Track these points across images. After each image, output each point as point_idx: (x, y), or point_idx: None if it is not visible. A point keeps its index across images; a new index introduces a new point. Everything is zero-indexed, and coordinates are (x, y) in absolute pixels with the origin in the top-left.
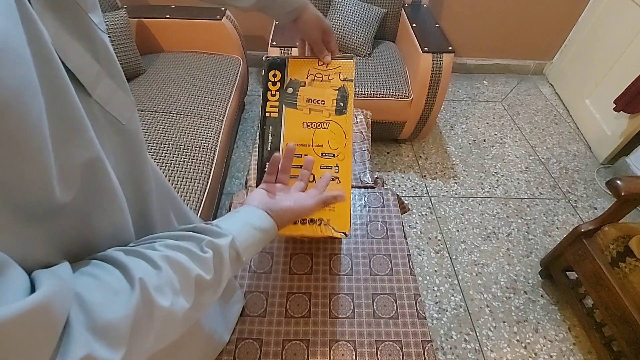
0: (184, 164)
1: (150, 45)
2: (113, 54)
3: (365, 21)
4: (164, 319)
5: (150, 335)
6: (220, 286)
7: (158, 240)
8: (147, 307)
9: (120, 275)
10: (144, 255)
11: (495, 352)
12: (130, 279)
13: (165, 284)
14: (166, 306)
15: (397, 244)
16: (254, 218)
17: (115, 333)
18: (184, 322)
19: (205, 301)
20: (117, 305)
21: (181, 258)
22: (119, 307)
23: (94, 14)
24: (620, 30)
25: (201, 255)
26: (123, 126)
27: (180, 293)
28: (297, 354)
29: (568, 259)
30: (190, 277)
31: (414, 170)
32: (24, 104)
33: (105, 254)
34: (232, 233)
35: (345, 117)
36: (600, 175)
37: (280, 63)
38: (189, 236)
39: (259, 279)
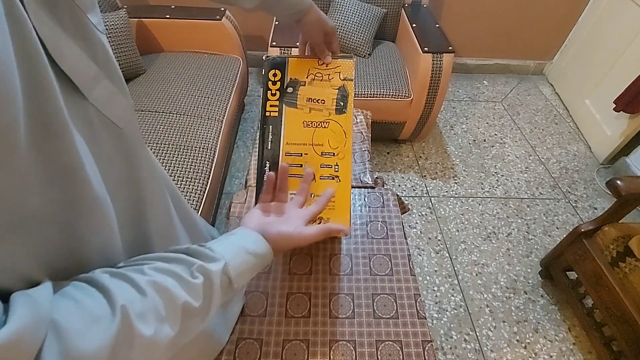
0: (184, 164)
1: (151, 45)
2: (112, 55)
3: (365, 21)
4: (145, 347)
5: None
6: (208, 314)
7: (148, 262)
8: (128, 335)
9: (102, 300)
10: (130, 279)
11: (495, 352)
12: (112, 305)
13: (149, 311)
14: (148, 335)
15: (397, 244)
16: (249, 242)
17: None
18: (167, 349)
19: (192, 328)
20: (95, 334)
21: (169, 283)
22: (98, 335)
23: (92, 14)
24: (620, 30)
25: (190, 281)
26: (120, 130)
27: (166, 320)
28: (297, 354)
29: (568, 259)
30: (177, 304)
31: (414, 170)
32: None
33: (91, 276)
34: (225, 258)
35: (345, 117)
36: (600, 175)
37: (280, 62)
38: (180, 259)
39: (259, 279)
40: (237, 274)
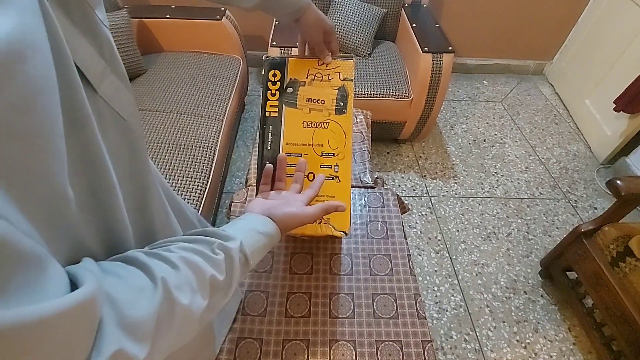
0: (185, 163)
1: (151, 45)
2: (116, 51)
3: (365, 21)
4: (183, 316)
5: (171, 333)
6: (231, 288)
7: (172, 243)
8: (169, 305)
9: (142, 274)
10: (162, 256)
11: (495, 352)
12: (152, 278)
13: (184, 283)
14: (186, 304)
15: (397, 244)
16: (258, 224)
17: (142, 330)
18: (200, 322)
19: (217, 302)
20: (142, 303)
21: (196, 259)
22: (145, 304)
23: (99, 10)
24: (620, 30)
25: (213, 257)
26: (125, 122)
27: (198, 292)
28: (297, 353)
29: (568, 259)
30: (205, 277)
31: (414, 170)
32: (47, 100)
33: (125, 255)
34: (240, 238)
35: (345, 117)
36: (600, 175)
37: (280, 63)
38: (201, 239)
39: (259, 278)
40: (251, 252)
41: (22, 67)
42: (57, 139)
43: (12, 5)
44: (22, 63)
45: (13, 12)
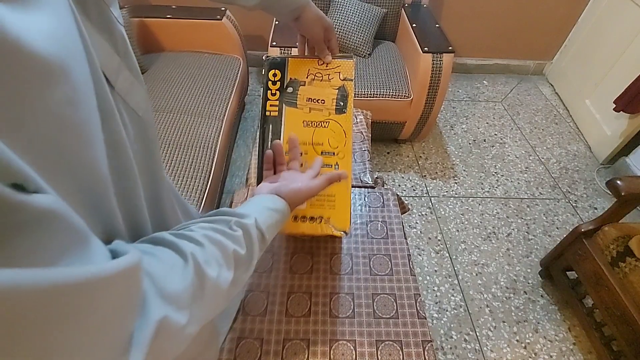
0: (185, 162)
1: (152, 44)
2: (130, 47)
3: (365, 21)
4: (213, 289)
5: (204, 305)
6: (252, 262)
7: (192, 224)
8: (200, 279)
9: (172, 252)
10: (187, 235)
11: (495, 352)
12: (182, 255)
13: (211, 258)
14: (214, 277)
15: (397, 244)
16: (268, 202)
17: (180, 301)
18: (226, 296)
19: (241, 276)
20: (176, 278)
21: (218, 236)
22: (178, 279)
23: (113, 8)
24: (620, 30)
25: (233, 234)
26: (139, 117)
27: (224, 266)
28: (298, 353)
29: (568, 259)
30: (228, 252)
31: (414, 170)
32: (89, 92)
33: (153, 237)
34: (254, 215)
35: (345, 116)
36: (600, 175)
37: (280, 62)
38: (218, 219)
39: (260, 278)
40: (266, 227)
41: (74, 62)
42: (98, 130)
43: (52, 5)
44: (73, 59)
45: (52, 11)
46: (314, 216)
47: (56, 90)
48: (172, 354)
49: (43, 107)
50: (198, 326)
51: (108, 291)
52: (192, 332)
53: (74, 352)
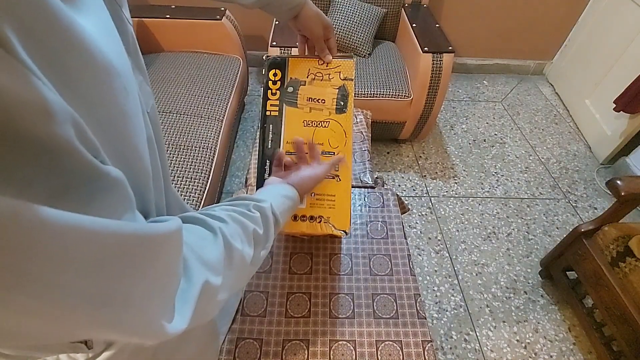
0: (184, 163)
1: (151, 45)
2: (138, 47)
3: (365, 21)
4: (239, 261)
5: (232, 275)
6: (268, 242)
7: (214, 207)
8: (228, 250)
9: (201, 227)
10: (212, 214)
11: (495, 352)
12: (211, 229)
13: (235, 233)
14: (240, 249)
15: (397, 244)
16: (281, 189)
17: (215, 268)
18: (248, 272)
19: (258, 256)
20: (210, 248)
21: (239, 217)
22: (212, 249)
23: (124, 8)
24: (620, 30)
25: (252, 215)
26: (147, 114)
27: (246, 242)
28: (297, 353)
29: (568, 259)
30: (249, 230)
31: (414, 170)
32: (134, 87)
33: (182, 215)
34: (269, 200)
35: (346, 116)
36: (600, 175)
37: (280, 62)
38: (238, 203)
39: (259, 278)
40: (280, 213)
41: (122, 59)
42: (142, 121)
43: (95, 6)
44: (121, 55)
45: (97, 11)
46: (314, 216)
47: (116, 81)
48: (208, 317)
49: (109, 95)
50: (228, 294)
51: (163, 248)
52: (223, 299)
53: (134, 298)
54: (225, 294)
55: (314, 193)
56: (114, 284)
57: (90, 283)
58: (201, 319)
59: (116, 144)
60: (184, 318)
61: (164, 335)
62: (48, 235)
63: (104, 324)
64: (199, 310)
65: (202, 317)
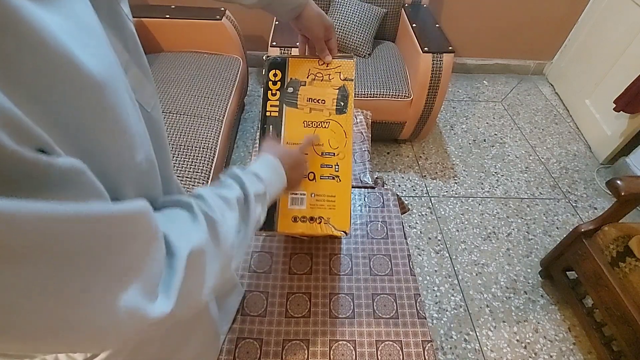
0: (184, 163)
1: (150, 45)
2: (140, 44)
3: (365, 21)
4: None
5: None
6: (249, 201)
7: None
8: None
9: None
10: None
11: (495, 352)
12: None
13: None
14: (220, 219)
15: (397, 244)
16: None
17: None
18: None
19: (247, 218)
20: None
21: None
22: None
23: (123, 4)
24: (620, 30)
25: (223, 182)
26: (148, 113)
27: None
28: (297, 353)
29: (568, 259)
30: (229, 201)
31: (414, 170)
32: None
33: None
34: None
35: (346, 117)
36: (600, 175)
37: (280, 62)
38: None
39: (259, 278)
40: (255, 169)
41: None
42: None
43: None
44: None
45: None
46: (314, 216)
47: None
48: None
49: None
50: (218, 267)
51: (119, 229)
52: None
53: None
54: (215, 265)
55: (313, 193)
56: (64, 274)
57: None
58: (191, 301)
59: (84, 137)
60: (169, 300)
61: (147, 322)
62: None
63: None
64: (185, 291)
65: (191, 298)
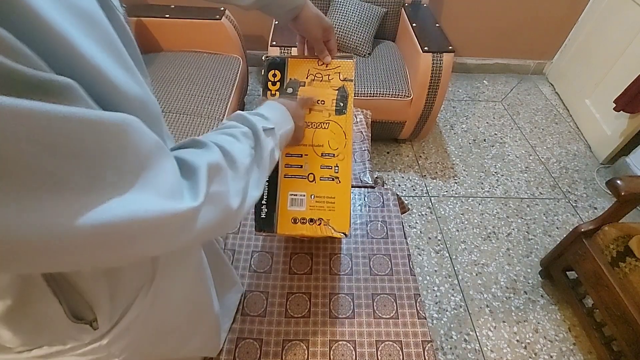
0: None
1: (150, 44)
2: (132, 36)
3: (365, 21)
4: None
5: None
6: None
7: None
8: (222, 150)
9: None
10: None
11: (495, 352)
12: (200, 142)
13: (224, 139)
14: (231, 147)
15: (397, 244)
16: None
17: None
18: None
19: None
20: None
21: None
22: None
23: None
24: (620, 30)
25: (226, 122)
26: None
27: (234, 141)
28: (297, 354)
29: (568, 259)
30: (237, 132)
31: (414, 170)
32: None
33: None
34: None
35: (345, 117)
36: (600, 175)
37: (280, 63)
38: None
39: (259, 278)
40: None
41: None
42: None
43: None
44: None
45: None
46: (313, 218)
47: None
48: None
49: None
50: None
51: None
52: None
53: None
54: (236, 184)
55: (313, 195)
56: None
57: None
58: (221, 204)
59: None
60: (197, 196)
61: (177, 214)
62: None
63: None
64: (214, 193)
65: (221, 202)
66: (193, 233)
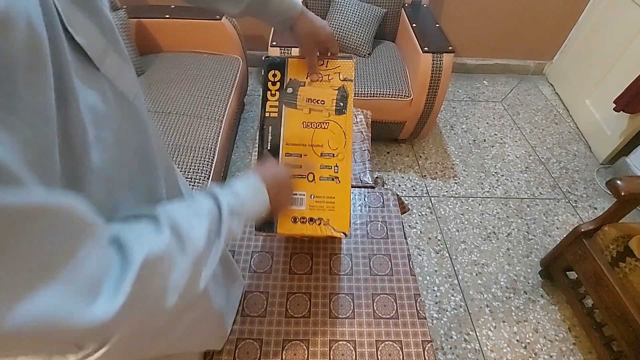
0: (184, 164)
1: (150, 45)
2: (116, 30)
3: (365, 21)
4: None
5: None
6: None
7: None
8: (174, 230)
9: (148, 222)
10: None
11: (495, 352)
12: (152, 216)
13: (180, 217)
14: (186, 229)
15: (397, 244)
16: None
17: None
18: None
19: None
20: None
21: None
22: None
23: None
24: (620, 30)
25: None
26: (130, 102)
27: (195, 222)
28: (297, 354)
29: (568, 259)
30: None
31: (414, 170)
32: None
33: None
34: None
35: (345, 117)
36: (600, 175)
37: (280, 63)
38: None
39: (259, 278)
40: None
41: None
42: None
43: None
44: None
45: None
46: (313, 218)
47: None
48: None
49: None
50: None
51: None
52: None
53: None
54: (182, 274)
55: (313, 195)
56: None
57: None
58: (149, 306)
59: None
60: (114, 300)
61: (80, 324)
62: None
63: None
64: (141, 295)
65: (150, 303)
66: (109, 334)
